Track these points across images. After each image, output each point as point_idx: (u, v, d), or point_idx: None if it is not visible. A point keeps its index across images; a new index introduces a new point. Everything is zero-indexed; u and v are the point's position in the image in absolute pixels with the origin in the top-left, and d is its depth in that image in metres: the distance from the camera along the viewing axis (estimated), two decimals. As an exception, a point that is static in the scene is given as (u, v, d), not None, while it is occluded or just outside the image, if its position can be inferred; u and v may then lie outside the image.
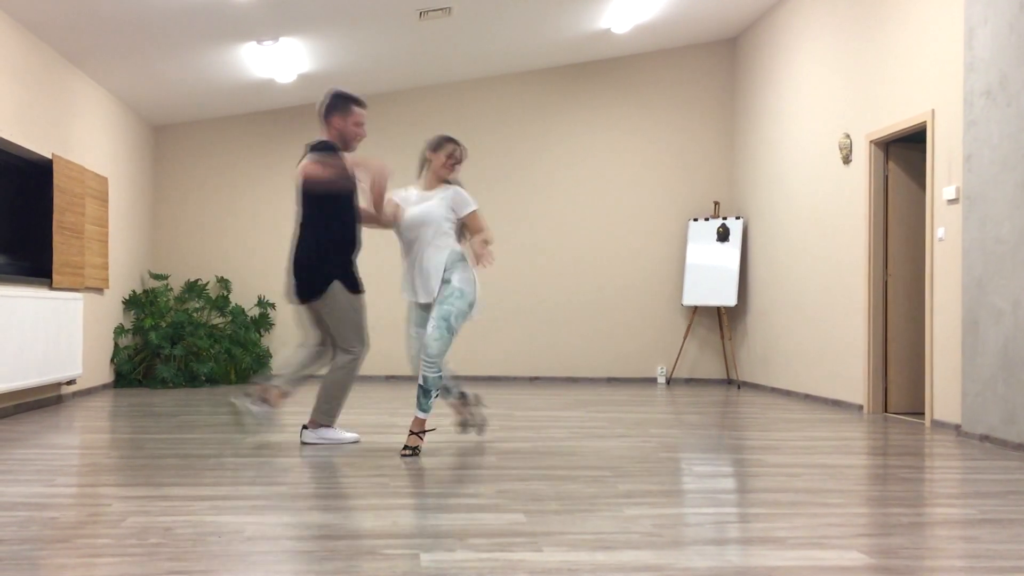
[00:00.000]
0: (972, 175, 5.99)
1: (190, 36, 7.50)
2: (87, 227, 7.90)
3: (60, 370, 7.15)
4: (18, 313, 6.41)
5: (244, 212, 10.35)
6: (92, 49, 7.50)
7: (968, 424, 5.95)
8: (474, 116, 10.45)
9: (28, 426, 5.98)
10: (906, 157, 7.42)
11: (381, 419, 6.55)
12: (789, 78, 9.03)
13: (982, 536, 3.25)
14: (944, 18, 6.43)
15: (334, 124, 5.10)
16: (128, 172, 9.35)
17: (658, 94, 10.55)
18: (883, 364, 7.41)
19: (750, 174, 10.01)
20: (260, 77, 8.97)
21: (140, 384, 9.14)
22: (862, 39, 7.60)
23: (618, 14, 8.82)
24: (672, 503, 3.76)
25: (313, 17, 7.56)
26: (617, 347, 10.44)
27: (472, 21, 8.36)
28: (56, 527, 3.22)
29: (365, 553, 2.92)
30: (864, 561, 2.89)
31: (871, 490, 4.11)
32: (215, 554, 2.89)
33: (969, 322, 5.96)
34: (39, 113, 7.08)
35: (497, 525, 3.32)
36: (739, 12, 9.56)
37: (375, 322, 10.26)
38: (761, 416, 7.08)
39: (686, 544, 3.08)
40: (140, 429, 5.90)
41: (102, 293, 8.56)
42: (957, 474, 4.60)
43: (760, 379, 9.64)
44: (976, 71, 5.95)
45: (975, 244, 5.93)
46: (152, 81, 8.60)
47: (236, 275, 10.30)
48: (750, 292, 9.95)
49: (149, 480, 4.12)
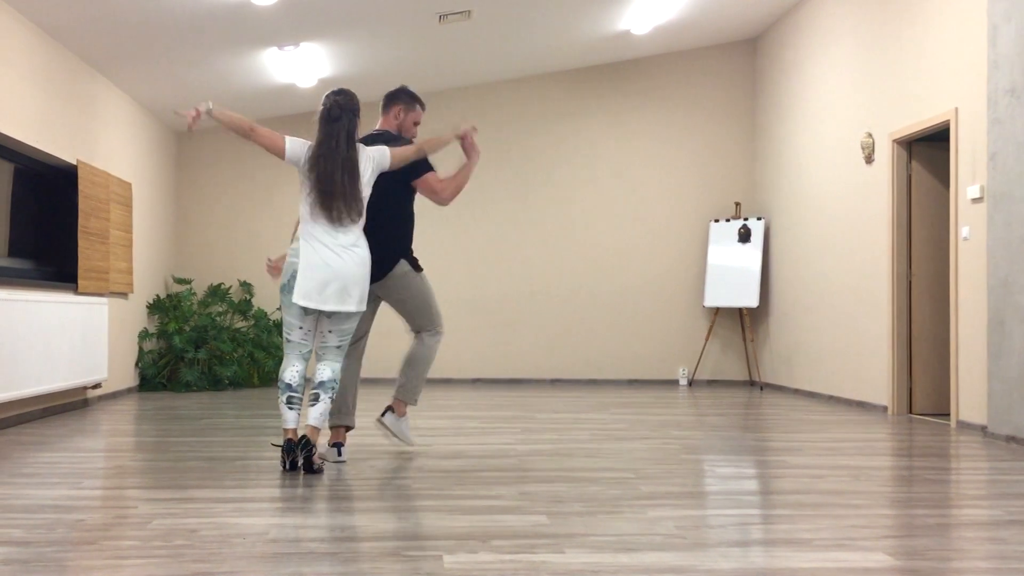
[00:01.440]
0: (997, 173, 5.94)
1: (212, 42, 7.55)
2: (112, 232, 7.97)
3: (86, 374, 7.21)
4: (44, 318, 6.47)
5: (266, 216, 10.41)
6: (116, 55, 7.57)
7: (994, 425, 5.90)
8: (494, 119, 10.46)
9: (55, 430, 6.04)
10: (929, 156, 7.37)
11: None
12: (810, 78, 8.99)
13: (1009, 537, 3.22)
14: (967, 15, 6.38)
15: (394, 113, 5.00)
16: (152, 177, 9.43)
17: (678, 95, 10.53)
18: (907, 365, 7.35)
19: (771, 174, 9.96)
20: (281, 82, 9.02)
21: (164, 388, 9.20)
22: (884, 38, 7.55)
23: (638, 16, 8.81)
24: (695, 505, 3.75)
25: (333, 22, 7.59)
26: (639, 349, 10.42)
27: (492, 24, 8.37)
28: (82, 529, 3.25)
29: (388, 555, 2.93)
30: (889, 563, 2.87)
31: (896, 492, 4.08)
32: (239, 556, 2.90)
33: (995, 322, 5.91)
34: (64, 120, 7.15)
35: (520, 527, 3.32)
36: (759, 12, 9.52)
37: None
38: (784, 417, 7.04)
39: (709, 546, 3.07)
40: (165, 432, 5.94)
41: (127, 298, 8.64)
42: (983, 475, 4.56)
43: (783, 380, 9.59)
44: (1000, 69, 5.90)
45: (1000, 243, 5.88)
46: (175, 87, 8.66)
47: (259, 279, 10.36)
48: (772, 293, 9.90)
49: (174, 483, 4.15)
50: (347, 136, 4.42)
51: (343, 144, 4.40)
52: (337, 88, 4.58)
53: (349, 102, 4.48)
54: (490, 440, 5.61)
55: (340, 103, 4.45)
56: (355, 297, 4.42)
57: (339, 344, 4.52)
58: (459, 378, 10.34)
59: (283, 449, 4.42)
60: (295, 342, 4.52)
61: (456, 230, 10.44)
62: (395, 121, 5.01)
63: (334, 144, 4.40)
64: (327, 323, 4.50)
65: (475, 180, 10.31)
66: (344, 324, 4.50)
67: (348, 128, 4.43)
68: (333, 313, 4.46)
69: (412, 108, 5.05)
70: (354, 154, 4.44)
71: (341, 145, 4.40)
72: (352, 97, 4.52)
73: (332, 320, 4.49)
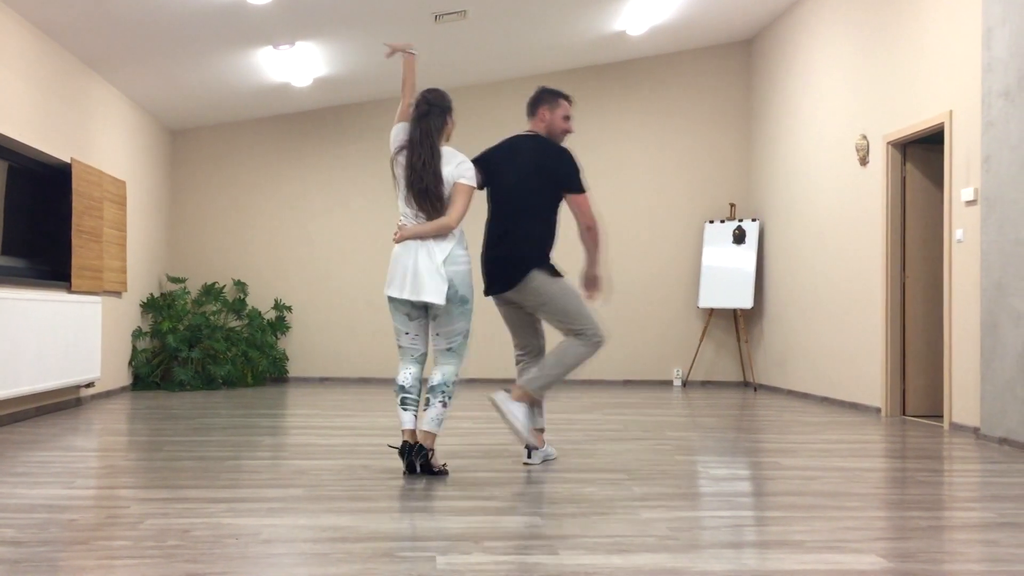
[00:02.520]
0: (990, 176, 5.95)
1: (207, 40, 7.54)
2: (105, 231, 7.95)
3: (79, 373, 7.19)
4: (37, 316, 6.45)
5: (261, 215, 10.39)
6: (110, 54, 7.55)
7: (987, 427, 5.91)
8: (490, 119, 10.45)
9: (47, 429, 6.03)
10: (924, 158, 7.38)
11: (397, 422, 6.56)
12: (805, 79, 9.00)
13: (1001, 540, 3.23)
14: (962, 18, 6.39)
15: (542, 116, 4.97)
16: (146, 176, 9.41)
17: (673, 96, 10.54)
18: (901, 367, 7.36)
19: (766, 176, 9.98)
20: (276, 81, 9.01)
21: (158, 387, 9.19)
22: (879, 40, 7.56)
23: (633, 16, 8.81)
24: (689, 506, 3.75)
25: (329, 21, 7.59)
26: (633, 349, 10.42)
27: (487, 24, 8.37)
28: (75, 529, 3.24)
29: (381, 555, 2.92)
30: (882, 565, 2.87)
31: (889, 493, 4.08)
32: (232, 556, 2.90)
33: (988, 324, 5.92)
34: (58, 118, 7.14)
35: (513, 528, 3.32)
36: (755, 14, 9.53)
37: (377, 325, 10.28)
38: (778, 419, 7.05)
39: (703, 547, 3.07)
40: (158, 432, 5.93)
41: (120, 296, 8.62)
42: (976, 477, 4.57)
43: (777, 382, 9.60)
44: (994, 71, 5.91)
45: (994, 246, 5.89)
46: (169, 85, 8.65)
47: (253, 278, 10.34)
48: (766, 294, 9.91)
49: (167, 482, 4.14)
50: (429, 132, 4.44)
51: (425, 140, 4.43)
52: (430, 87, 4.66)
53: (438, 99, 4.53)
54: (484, 441, 5.61)
55: (429, 99, 4.51)
56: (430, 289, 4.36)
57: (449, 347, 4.48)
58: (453, 378, 10.33)
59: (400, 451, 4.43)
60: (405, 347, 4.54)
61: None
62: (543, 124, 4.96)
63: (417, 137, 4.44)
64: (433, 325, 4.49)
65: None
66: (446, 326, 4.46)
67: (432, 125, 4.45)
68: (437, 315, 4.45)
69: (556, 105, 4.98)
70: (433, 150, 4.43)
71: (425, 141, 4.43)
72: (441, 95, 4.56)
73: (436, 322, 4.46)
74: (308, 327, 10.35)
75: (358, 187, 10.45)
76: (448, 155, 4.47)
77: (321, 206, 10.43)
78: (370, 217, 10.43)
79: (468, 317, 4.49)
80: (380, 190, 10.41)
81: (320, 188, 10.44)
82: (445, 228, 4.40)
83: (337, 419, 6.69)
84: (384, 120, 10.40)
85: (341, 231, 10.42)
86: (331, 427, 6.22)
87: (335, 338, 10.36)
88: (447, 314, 4.43)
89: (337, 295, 10.39)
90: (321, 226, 10.42)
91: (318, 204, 10.43)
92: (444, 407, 4.40)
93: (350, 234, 10.42)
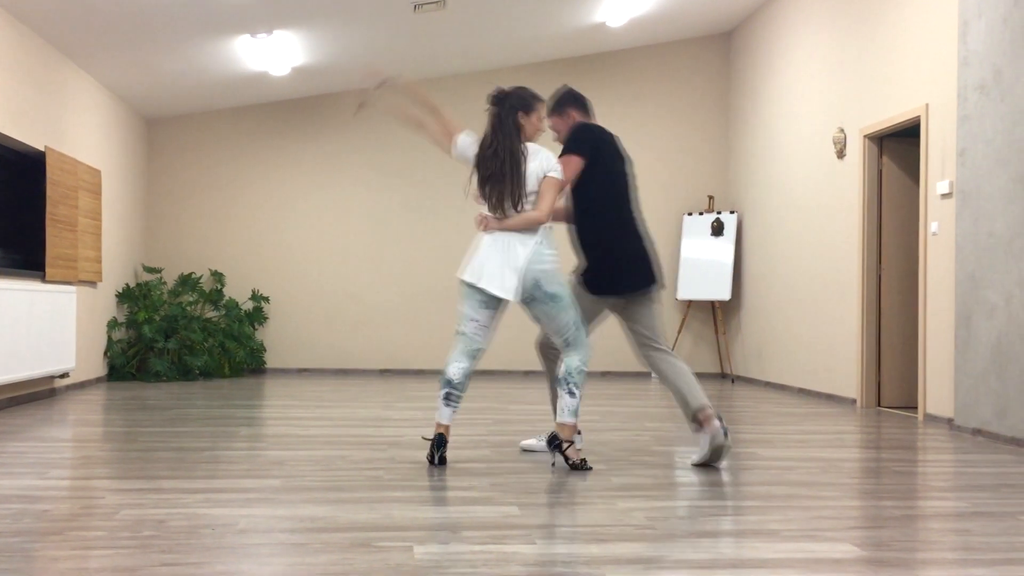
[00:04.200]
0: (966, 170, 6.00)
1: (183, 29, 7.47)
2: (80, 220, 7.88)
3: (53, 363, 7.13)
4: (11, 306, 6.39)
5: (238, 205, 10.33)
6: (85, 41, 7.47)
7: (961, 418, 5.97)
8: (469, 110, 10.42)
9: (21, 419, 5.97)
10: (900, 152, 7.43)
11: (375, 413, 6.55)
12: (783, 73, 9.03)
13: (974, 529, 3.26)
14: (938, 12, 6.44)
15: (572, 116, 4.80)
16: (121, 165, 9.32)
17: (652, 88, 10.55)
18: (876, 358, 7.42)
19: (744, 169, 10.01)
20: (254, 70, 8.94)
21: (133, 377, 9.12)
22: (856, 33, 7.60)
23: (613, 8, 8.81)
24: (666, 496, 3.77)
25: (307, 10, 7.54)
26: (611, 341, 10.44)
27: (467, 14, 8.34)
28: (49, 520, 3.22)
29: (359, 546, 2.92)
30: (856, 554, 2.90)
31: (864, 483, 4.12)
32: (208, 547, 2.88)
33: (962, 316, 5.98)
34: (32, 105, 7.06)
35: (491, 518, 3.32)
36: (734, 6, 9.55)
37: (368, 316, 10.26)
38: (755, 410, 7.09)
39: (680, 536, 3.08)
40: (133, 422, 5.89)
41: (95, 286, 8.54)
42: (949, 467, 4.61)
43: (754, 373, 9.65)
44: (970, 65, 5.96)
45: (968, 239, 5.94)
46: (145, 74, 8.57)
47: (230, 268, 10.28)
48: (744, 286, 9.96)
49: (142, 473, 4.11)
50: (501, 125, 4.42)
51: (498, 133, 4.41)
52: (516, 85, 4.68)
53: (514, 92, 4.49)
54: (462, 431, 5.61)
55: (506, 91, 4.50)
56: (500, 283, 4.34)
57: (565, 340, 4.44)
58: (431, 369, 10.33)
59: (432, 443, 4.40)
60: (467, 335, 4.45)
61: (428, 221, 10.41)
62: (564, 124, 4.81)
63: (490, 131, 4.44)
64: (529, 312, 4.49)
65: (445, 170, 10.29)
66: (551, 323, 4.43)
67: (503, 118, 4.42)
68: (537, 316, 4.45)
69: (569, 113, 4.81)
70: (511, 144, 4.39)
71: (498, 134, 4.42)
72: (518, 89, 4.52)
73: (529, 307, 4.45)
74: (286, 318, 10.30)
75: (336, 177, 10.40)
76: (532, 151, 4.45)
77: (299, 196, 10.38)
78: (349, 207, 10.38)
79: (568, 308, 4.44)
80: (359, 180, 10.36)
81: (298, 178, 10.38)
82: (535, 221, 4.39)
83: (315, 410, 6.67)
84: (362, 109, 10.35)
85: (319, 221, 10.38)
86: (309, 418, 6.20)
87: (313, 329, 10.32)
88: (545, 315, 4.43)
89: (315, 286, 10.34)
90: (299, 216, 10.37)
91: (296, 194, 10.38)
92: (571, 396, 4.38)
93: (328, 224, 10.38)
